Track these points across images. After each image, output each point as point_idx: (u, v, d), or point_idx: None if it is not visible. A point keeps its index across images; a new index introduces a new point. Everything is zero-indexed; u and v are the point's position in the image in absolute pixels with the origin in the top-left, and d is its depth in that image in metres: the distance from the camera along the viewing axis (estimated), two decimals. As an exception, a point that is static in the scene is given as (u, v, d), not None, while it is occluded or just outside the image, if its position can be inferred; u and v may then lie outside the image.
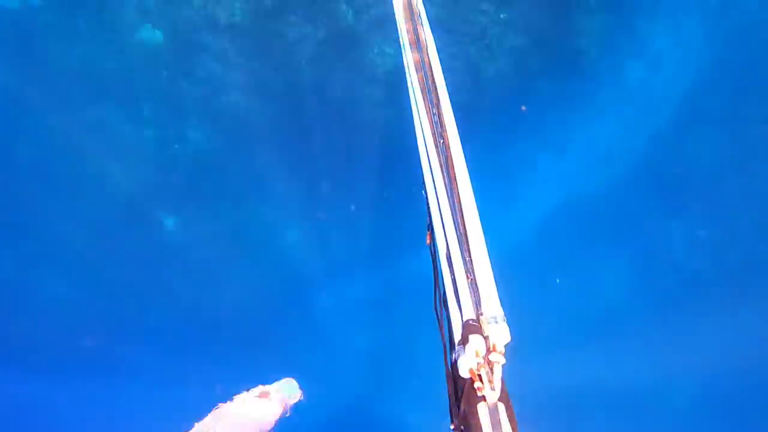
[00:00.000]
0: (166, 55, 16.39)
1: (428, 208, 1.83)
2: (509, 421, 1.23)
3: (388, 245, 16.23)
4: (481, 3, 13.07)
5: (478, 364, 1.28)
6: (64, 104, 19.83)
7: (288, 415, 5.32)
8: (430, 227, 1.77)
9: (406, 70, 2.37)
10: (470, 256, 1.52)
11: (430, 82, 2.19)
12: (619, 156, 16.04)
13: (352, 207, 16.91)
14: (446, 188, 1.72)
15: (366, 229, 16.85)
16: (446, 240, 1.61)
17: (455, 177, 1.74)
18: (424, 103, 2.08)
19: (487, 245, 1.52)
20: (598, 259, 16.84)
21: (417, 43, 2.47)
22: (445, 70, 2.25)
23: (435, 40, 2.51)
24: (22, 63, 20.53)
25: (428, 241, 1.82)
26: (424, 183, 1.90)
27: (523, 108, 14.52)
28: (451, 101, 2.08)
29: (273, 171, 17.39)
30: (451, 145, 1.88)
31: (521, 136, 15.52)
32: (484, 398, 1.26)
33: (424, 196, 1.88)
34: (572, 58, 14.49)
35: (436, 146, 1.88)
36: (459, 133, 1.90)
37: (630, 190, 15.95)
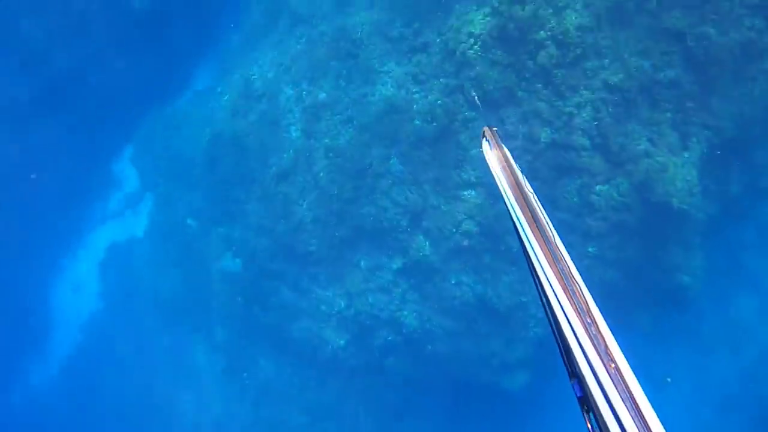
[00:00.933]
0: (243, 282, 16.51)
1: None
2: None
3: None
4: (568, 236, 12.24)
5: None
6: (143, 329, 20.19)
7: None
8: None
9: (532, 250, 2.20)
10: None
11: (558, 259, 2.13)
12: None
13: None
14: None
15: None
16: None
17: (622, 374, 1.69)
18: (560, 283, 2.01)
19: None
20: None
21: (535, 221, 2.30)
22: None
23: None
24: (117, 294, 21.65)
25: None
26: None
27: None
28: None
29: (349, 405, 16.14)
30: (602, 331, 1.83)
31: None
32: None
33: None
34: (672, 292, 13.06)
35: (588, 335, 1.81)
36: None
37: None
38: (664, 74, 11.41)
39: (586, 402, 1.73)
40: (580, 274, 2.04)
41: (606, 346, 1.75)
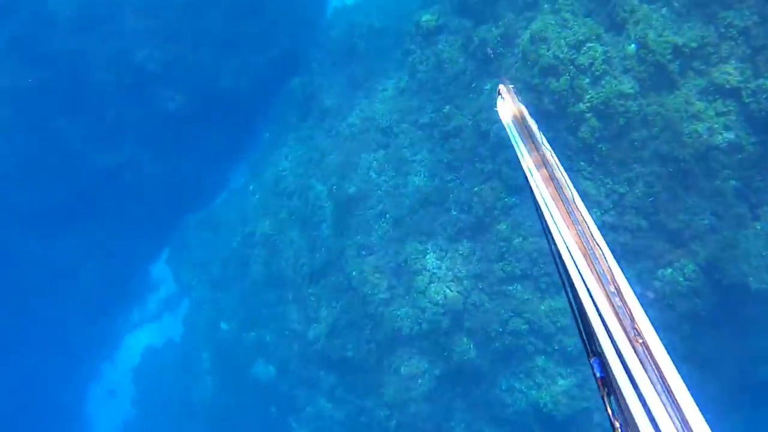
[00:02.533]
0: (277, 390, 15.36)
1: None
2: None
3: None
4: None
5: None
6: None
7: None
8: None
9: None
10: None
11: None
12: None
13: None
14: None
15: None
16: None
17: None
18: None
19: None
20: None
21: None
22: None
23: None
24: (150, 401, 20.78)
25: None
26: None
27: None
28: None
29: None
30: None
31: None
32: None
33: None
34: (760, 388, 11.24)
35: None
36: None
37: None
38: (721, 137, 10.20)
39: (607, 384, 1.51)
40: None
41: (633, 319, 1.52)
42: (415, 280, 12.31)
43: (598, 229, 1.93)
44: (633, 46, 10.58)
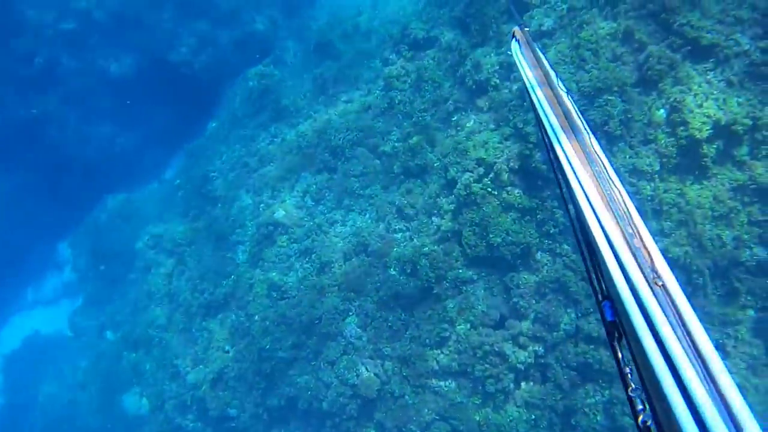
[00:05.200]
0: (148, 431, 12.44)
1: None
2: None
3: None
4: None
5: None
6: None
7: None
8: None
9: None
10: None
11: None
12: None
13: None
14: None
15: None
16: None
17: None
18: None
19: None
20: None
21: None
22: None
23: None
24: (17, 397, 17.67)
25: None
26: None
27: None
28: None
29: None
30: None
31: None
32: None
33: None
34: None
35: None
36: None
37: None
38: (751, 253, 7.64)
39: (617, 328, 1.41)
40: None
41: (652, 260, 1.39)
42: (327, 346, 9.54)
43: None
44: (662, 111, 8.06)
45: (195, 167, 13.79)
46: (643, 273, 1.34)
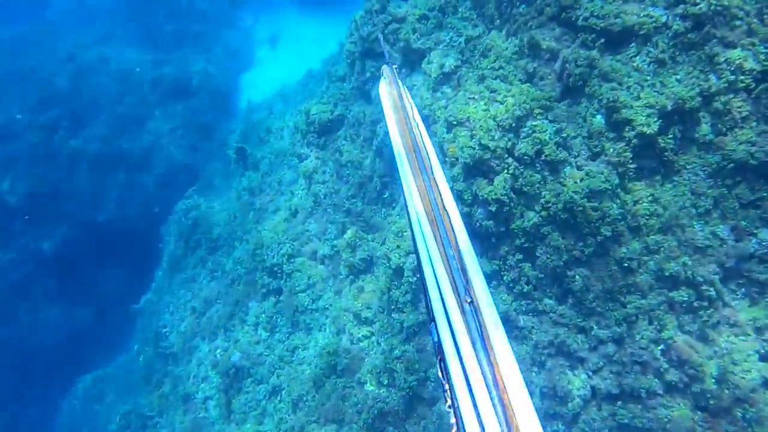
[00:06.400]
0: None
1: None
2: None
3: None
4: None
5: None
6: None
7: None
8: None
9: None
10: None
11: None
12: None
13: None
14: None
15: None
16: None
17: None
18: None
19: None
20: None
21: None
22: None
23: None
24: None
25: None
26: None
27: None
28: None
29: None
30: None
31: None
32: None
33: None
34: None
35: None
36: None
37: None
38: (757, 240, 6.28)
39: (439, 348, 1.47)
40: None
41: (468, 281, 1.48)
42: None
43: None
44: (599, 117, 6.94)
45: (148, 327, 12.56)
46: (455, 293, 1.44)
